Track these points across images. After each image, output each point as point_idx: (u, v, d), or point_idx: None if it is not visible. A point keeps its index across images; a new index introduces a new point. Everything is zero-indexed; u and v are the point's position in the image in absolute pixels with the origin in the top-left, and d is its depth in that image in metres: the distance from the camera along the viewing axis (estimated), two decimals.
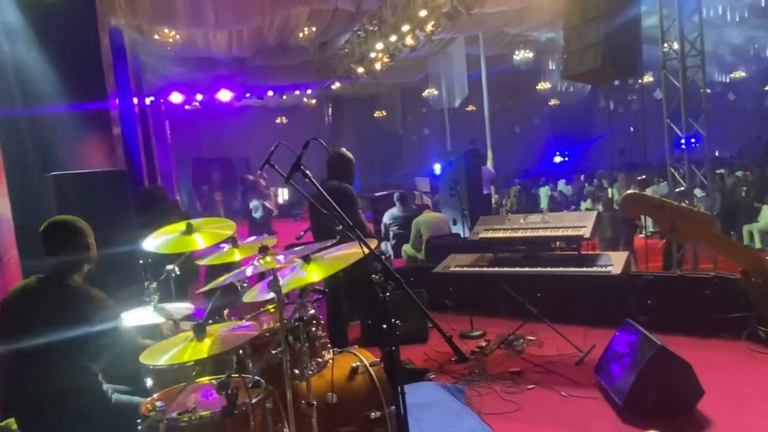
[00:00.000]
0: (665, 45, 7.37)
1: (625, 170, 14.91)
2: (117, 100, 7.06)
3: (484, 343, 5.42)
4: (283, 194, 21.12)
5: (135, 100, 9.57)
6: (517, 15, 11.91)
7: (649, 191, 11.61)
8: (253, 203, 10.29)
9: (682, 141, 7.38)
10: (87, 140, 5.65)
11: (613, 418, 3.82)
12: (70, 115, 5.13)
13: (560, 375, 4.62)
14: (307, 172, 2.44)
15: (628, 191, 2.00)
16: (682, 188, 7.38)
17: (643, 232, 8.60)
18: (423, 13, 10.10)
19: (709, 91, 7.82)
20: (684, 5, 7.18)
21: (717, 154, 18.73)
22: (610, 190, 11.04)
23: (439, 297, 6.37)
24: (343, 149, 4.90)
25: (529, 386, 4.43)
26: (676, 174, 7.49)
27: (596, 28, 6.11)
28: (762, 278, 1.59)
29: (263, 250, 2.38)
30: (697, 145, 7.61)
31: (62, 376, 2.54)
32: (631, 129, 21.86)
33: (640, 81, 12.01)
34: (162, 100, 16.04)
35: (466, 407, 4.10)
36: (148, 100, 13.37)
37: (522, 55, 16.30)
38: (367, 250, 2.35)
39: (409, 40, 11.29)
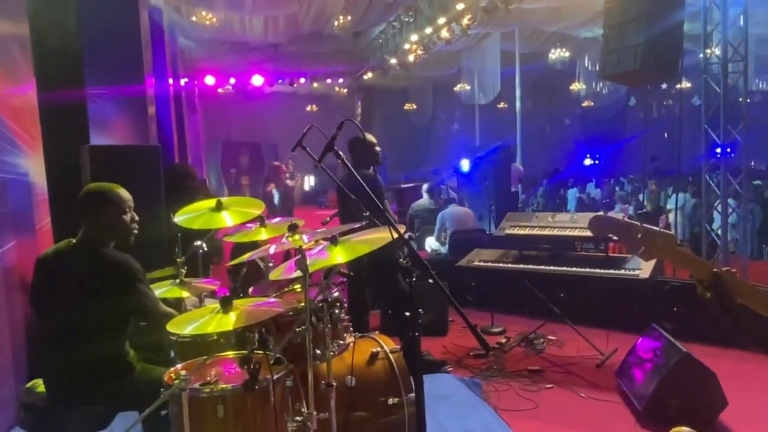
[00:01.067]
0: (708, 50, 7.21)
1: (657, 176, 14.64)
2: (153, 80, 7.15)
3: (504, 340, 5.39)
4: (309, 181, 21.20)
5: (170, 81, 9.69)
6: (556, 12, 11.71)
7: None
8: (273, 190, 10.37)
9: (718, 150, 7.20)
10: (123, 118, 5.74)
11: (633, 422, 3.77)
12: (108, 93, 5.20)
13: (580, 376, 4.57)
14: (341, 152, 2.43)
15: (595, 213, 2.06)
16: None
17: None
18: (460, 6, 10.03)
19: (749, 100, 7.62)
20: (728, 10, 7.01)
21: (753, 164, 18.24)
22: (640, 196, 10.86)
23: (461, 292, 6.32)
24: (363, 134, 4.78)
25: (548, 385, 4.39)
26: (711, 182, 7.33)
27: (638, 28, 5.95)
28: (713, 284, 1.71)
29: (293, 228, 2.39)
30: (733, 154, 7.42)
31: (90, 340, 2.58)
32: (665, 135, 21.42)
33: (678, 86, 11.73)
34: (196, 82, 16.22)
35: (482, 401, 4.09)
36: (182, 81, 13.54)
37: (558, 54, 16.04)
38: (396, 235, 2.33)
39: (444, 33, 11.22)
